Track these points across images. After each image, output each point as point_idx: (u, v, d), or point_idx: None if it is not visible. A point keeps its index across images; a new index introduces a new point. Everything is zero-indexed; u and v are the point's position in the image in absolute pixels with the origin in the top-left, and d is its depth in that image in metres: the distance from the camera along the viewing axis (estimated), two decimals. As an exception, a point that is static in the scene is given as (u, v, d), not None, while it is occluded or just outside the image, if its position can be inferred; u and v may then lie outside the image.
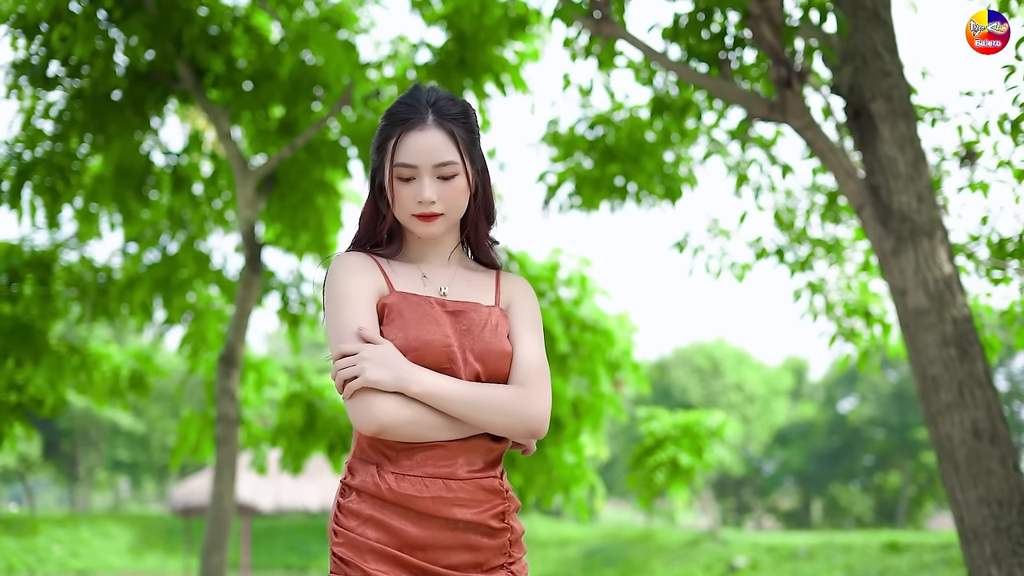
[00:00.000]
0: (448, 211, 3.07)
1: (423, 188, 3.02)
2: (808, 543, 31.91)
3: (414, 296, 3.06)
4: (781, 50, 6.34)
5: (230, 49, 10.13)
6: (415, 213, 3.05)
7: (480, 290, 3.19)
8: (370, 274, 3.07)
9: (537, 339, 3.16)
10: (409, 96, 3.09)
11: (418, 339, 2.96)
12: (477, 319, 3.06)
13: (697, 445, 13.22)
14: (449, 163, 3.03)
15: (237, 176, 10.24)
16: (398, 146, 3.03)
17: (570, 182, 9.87)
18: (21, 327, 11.30)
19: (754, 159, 9.36)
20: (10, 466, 47.19)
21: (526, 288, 3.28)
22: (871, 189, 6.30)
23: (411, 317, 3.00)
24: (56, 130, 10.26)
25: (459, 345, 3.00)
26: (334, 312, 3.00)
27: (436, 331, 2.98)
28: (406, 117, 3.05)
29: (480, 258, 3.28)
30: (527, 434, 3.02)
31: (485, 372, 3.01)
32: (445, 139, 3.04)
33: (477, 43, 9.81)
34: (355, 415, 2.90)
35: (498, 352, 3.03)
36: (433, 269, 3.17)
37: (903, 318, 6.23)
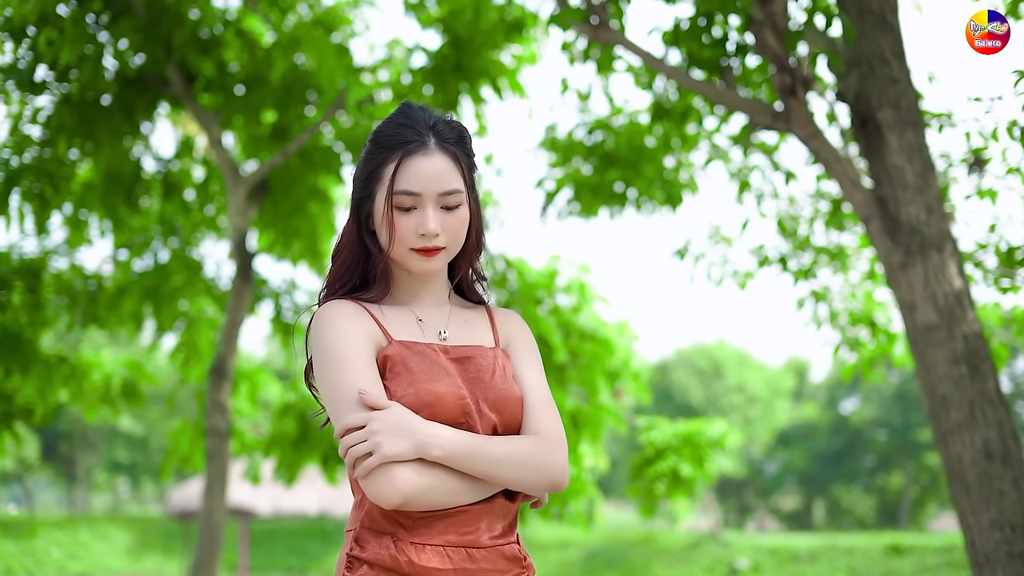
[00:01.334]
0: (450, 244, 2.81)
1: (427, 219, 2.74)
2: (810, 545, 31.79)
3: (416, 344, 2.79)
4: (785, 57, 6.13)
5: (221, 53, 9.93)
6: (415, 247, 2.78)
7: (478, 330, 2.95)
8: (363, 324, 2.78)
9: (542, 377, 2.95)
10: (404, 116, 2.81)
11: (430, 393, 2.69)
12: (484, 365, 2.82)
13: (698, 455, 13.03)
14: (455, 191, 2.77)
15: (228, 183, 10.05)
16: (399, 172, 2.74)
17: (568, 188, 9.72)
18: (10, 336, 11.13)
19: (756, 165, 9.20)
20: (8, 468, 47.06)
21: (520, 322, 3.06)
22: (878, 200, 6.09)
23: (418, 369, 2.73)
24: (44, 136, 10.08)
25: (472, 396, 2.75)
26: (331, 374, 2.71)
27: (447, 382, 2.73)
28: (406, 140, 2.76)
29: (468, 295, 3.04)
30: (550, 487, 2.80)
31: (502, 422, 2.78)
32: (450, 165, 2.78)
33: (473, 47, 9.62)
34: (374, 491, 2.62)
35: (514, 399, 2.80)
36: (427, 311, 2.91)
37: (912, 334, 6.02)
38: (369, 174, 2.80)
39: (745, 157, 9.24)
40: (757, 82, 7.51)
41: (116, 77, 9.92)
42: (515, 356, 2.94)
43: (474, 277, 3.03)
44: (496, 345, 2.92)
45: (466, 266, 2.97)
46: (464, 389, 2.73)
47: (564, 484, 2.82)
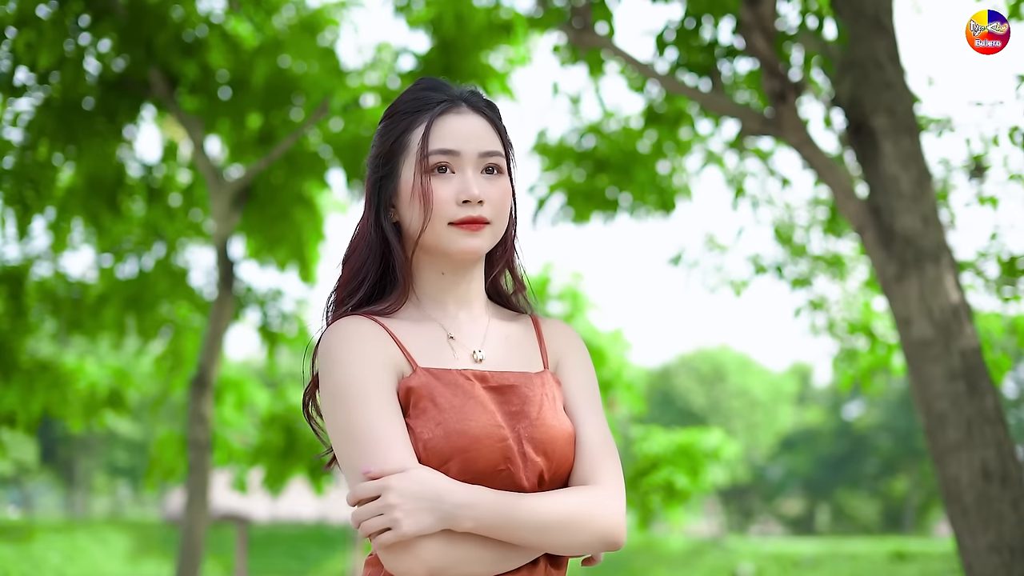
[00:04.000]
0: (495, 219, 2.37)
1: (468, 181, 2.33)
2: (813, 551, 31.68)
3: (446, 373, 2.33)
4: (775, 61, 5.91)
5: (205, 56, 9.72)
6: (456, 219, 2.32)
7: (522, 349, 2.47)
8: (381, 349, 2.32)
9: (599, 409, 2.48)
10: (426, 83, 2.45)
11: (464, 436, 2.24)
12: (530, 395, 2.36)
13: (694, 466, 12.82)
14: (496, 153, 2.38)
15: (211, 188, 9.85)
16: (431, 132, 2.34)
17: (560, 194, 9.56)
18: (-9, 344, 10.95)
19: (750, 172, 9.04)
20: (7, 472, 47.01)
21: (575, 338, 2.57)
22: (872, 210, 5.86)
23: (448, 405, 2.28)
24: (25, 140, 9.89)
25: (514, 436, 2.30)
26: (342, 416, 2.26)
27: (484, 421, 2.27)
28: (431, 99, 2.39)
29: (508, 302, 2.57)
30: (604, 548, 2.34)
31: (549, 467, 2.32)
32: (487, 126, 2.40)
33: (461, 50, 9.42)
34: (394, 565, 2.20)
35: (563, 438, 2.35)
36: (459, 325, 2.44)
37: (907, 349, 5.79)
38: (391, 146, 2.39)
39: (740, 161, 9.08)
40: (748, 87, 7.31)
41: (98, 80, 9.74)
42: (567, 382, 2.47)
43: (513, 285, 2.57)
44: (544, 368, 2.46)
45: (503, 263, 2.52)
46: (505, 428, 2.29)
47: (621, 543, 2.35)
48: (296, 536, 41.30)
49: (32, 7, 8.90)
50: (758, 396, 55.48)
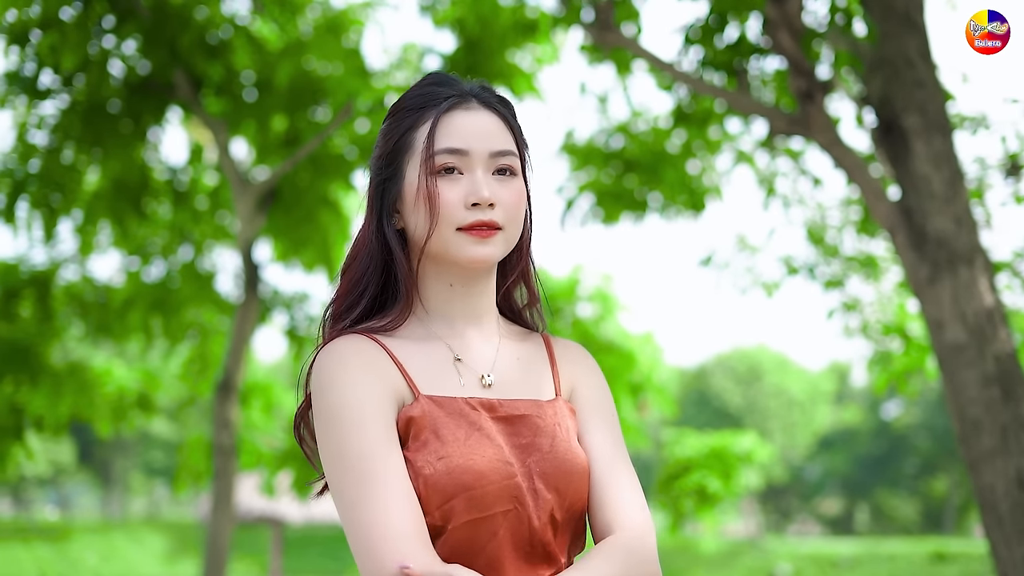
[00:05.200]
0: (508, 225, 2.17)
1: (478, 183, 2.13)
2: (852, 551, 31.46)
3: (450, 401, 2.13)
4: (802, 59, 5.76)
5: (229, 57, 9.66)
6: (464, 224, 2.13)
7: (533, 374, 2.27)
8: (380, 374, 2.12)
9: (618, 440, 2.28)
10: (433, 78, 2.25)
11: (468, 472, 2.04)
12: (542, 426, 2.16)
13: (727, 469, 12.67)
14: (509, 152, 2.18)
15: (235, 191, 9.78)
16: (438, 129, 2.14)
17: (589, 194, 9.46)
18: (19, 348, 10.92)
19: (781, 172, 8.91)
20: (45, 473, 47.30)
21: (590, 361, 2.38)
22: (904, 211, 5.70)
23: (451, 437, 2.08)
24: (51, 143, 9.88)
25: (524, 471, 2.10)
26: (337, 450, 2.07)
27: (491, 455, 2.08)
28: (439, 95, 2.19)
29: (518, 317, 2.38)
30: None
31: (562, 504, 2.12)
32: (500, 123, 2.20)
33: (487, 49, 9.31)
34: None
35: (578, 473, 2.15)
36: (467, 345, 2.23)
37: (940, 353, 5.63)
38: (395, 146, 2.20)
39: (771, 161, 8.95)
40: (776, 86, 7.17)
41: (123, 83, 9.70)
42: (582, 411, 2.27)
43: (526, 299, 2.37)
44: (557, 395, 2.26)
45: (518, 274, 2.31)
46: (514, 464, 2.09)
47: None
48: (331, 537, 41.32)
49: (55, 10, 8.86)
50: (796, 396, 55.20)
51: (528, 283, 2.35)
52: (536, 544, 2.11)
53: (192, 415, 47.36)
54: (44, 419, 11.20)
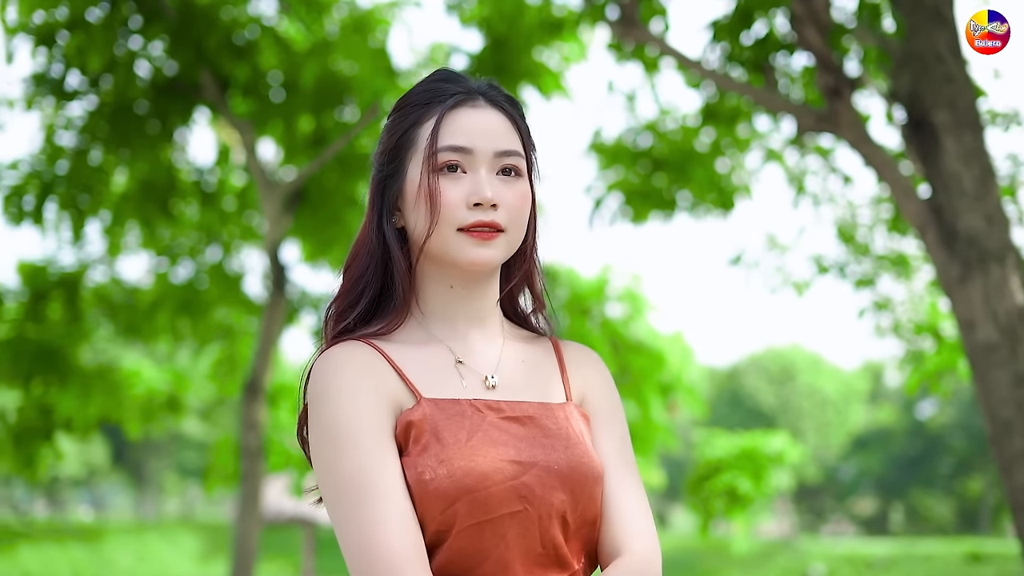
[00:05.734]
0: (511, 227, 2.09)
1: (480, 182, 2.05)
2: (887, 552, 31.27)
3: (453, 403, 2.05)
4: (829, 55, 5.68)
5: (255, 58, 9.64)
6: (465, 225, 2.05)
7: (540, 376, 2.18)
8: (378, 382, 2.05)
9: (628, 452, 2.20)
10: (440, 74, 2.17)
11: (470, 473, 1.96)
12: (553, 427, 2.08)
13: (757, 470, 12.57)
14: (514, 153, 2.09)
15: (262, 192, 9.77)
16: (442, 126, 2.07)
17: (617, 193, 9.40)
18: (48, 350, 10.95)
19: (811, 170, 8.83)
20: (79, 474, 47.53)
21: (600, 366, 2.28)
22: (934, 209, 5.61)
23: (453, 439, 2.00)
24: (79, 144, 9.91)
25: (534, 471, 2.01)
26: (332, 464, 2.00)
27: (494, 456, 1.99)
28: (445, 92, 2.12)
29: (524, 322, 2.28)
30: None
31: (575, 508, 2.04)
32: (506, 122, 2.11)
33: (514, 48, 9.26)
34: None
35: (593, 477, 2.06)
36: (470, 347, 2.15)
37: (971, 353, 5.55)
38: (398, 142, 2.13)
39: (801, 159, 8.87)
40: (804, 82, 7.09)
41: (149, 84, 9.71)
42: (593, 418, 2.18)
43: (532, 305, 2.28)
44: (568, 399, 2.16)
45: (522, 276, 2.22)
46: (522, 464, 2.01)
47: None
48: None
49: (82, 11, 8.88)
50: (829, 395, 54.94)
51: (532, 288, 2.27)
52: (548, 547, 2.02)
53: (224, 416, 47.66)
54: (73, 420, 11.22)
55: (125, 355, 15.37)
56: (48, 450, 11.40)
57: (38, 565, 32.46)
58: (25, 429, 11.29)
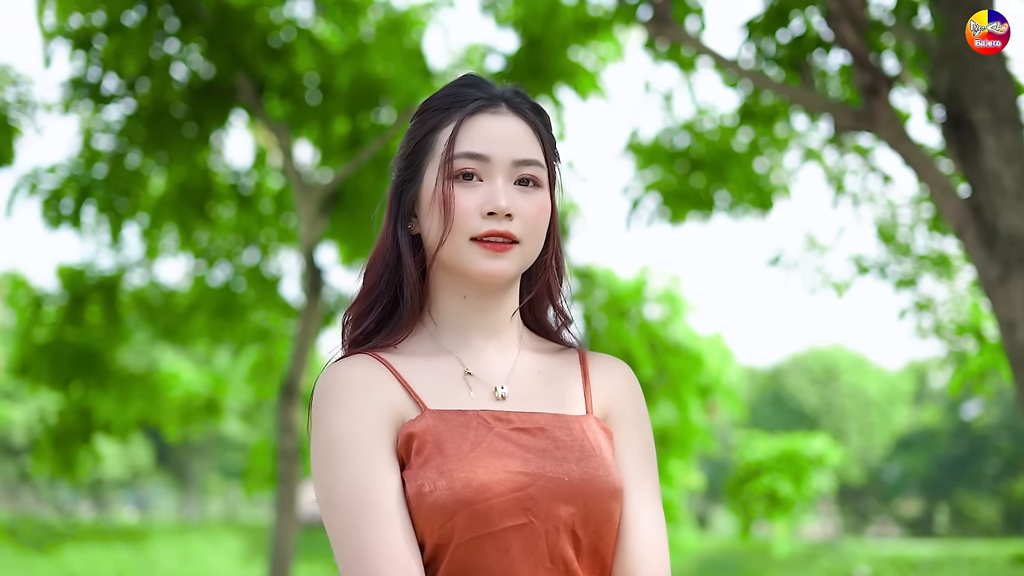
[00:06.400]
0: (526, 238, 2.01)
1: (496, 191, 1.98)
2: (932, 554, 31.01)
3: (457, 414, 1.98)
4: (865, 53, 5.59)
5: (291, 60, 9.64)
6: (478, 234, 1.98)
7: (558, 388, 2.09)
8: (379, 397, 1.98)
9: (657, 485, 2.10)
10: (464, 79, 2.10)
11: (469, 485, 1.89)
12: (567, 439, 1.99)
13: (798, 473, 12.45)
14: (534, 162, 2.02)
15: (298, 194, 9.77)
16: (460, 132, 2.00)
17: (655, 194, 9.36)
18: (87, 353, 11.00)
19: (850, 169, 8.74)
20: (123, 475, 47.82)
21: (630, 380, 2.17)
22: (973, 208, 5.52)
23: (455, 450, 1.92)
24: (116, 147, 9.95)
25: (539, 482, 1.92)
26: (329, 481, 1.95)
27: (497, 466, 1.91)
28: (466, 97, 2.05)
29: (550, 334, 2.19)
30: None
31: (585, 522, 1.95)
32: (528, 132, 2.05)
33: (549, 48, 9.21)
34: None
35: (608, 492, 1.97)
36: (481, 358, 2.07)
37: (1012, 355, 5.45)
38: (416, 146, 2.06)
39: (840, 158, 8.78)
40: (842, 81, 7.01)
41: (186, 87, 9.73)
42: (621, 440, 2.08)
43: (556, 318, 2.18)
44: (588, 412, 2.07)
45: (540, 289, 2.13)
46: (528, 475, 1.93)
47: None
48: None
49: (118, 14, 8.91)
50: (873, 396, 54.56)
51: (552, 301, 2.17)
52: (557, 562, 1.93)
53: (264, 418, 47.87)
54: (112, 423, 11.27)
55: (165, 357, 15.40)
56: (87, 452, 11.44)
57: (83, 565, 32.71)
58: (65, 432, 11.38)
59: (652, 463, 2.12)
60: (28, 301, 11.53)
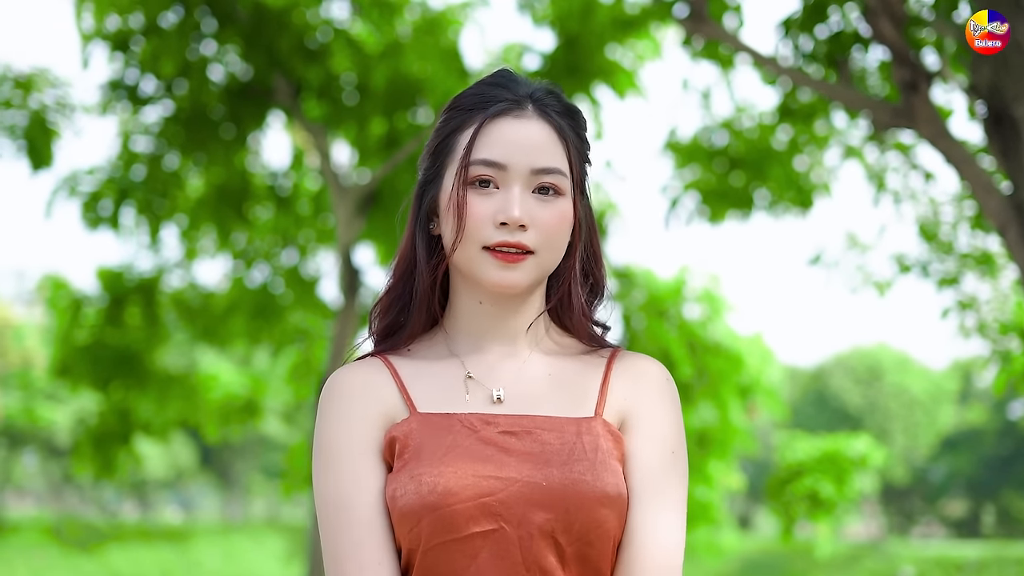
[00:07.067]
0: (542, 248, 1.94)
1: (511, 201, 1.92)
2: (978, 555, 30.80)
3: (444, 417, 1.93)
4: (904, 48, 5.51)
5: (328, 61, 9.64)
6: (491, 243, 1.92)
7: (566, 389, 2.00)
8: (373, 404, 1.96)
9: (677, 497, 1.96)
10: (496, 77, 2.03)
11: (435, 489, 1.84)
12: (557, 443, 1.90)
13: (840, 474, 12.35)
14: (554, 171, 1.94)
15: (335, 195, 9.76)
16: (479, 136, 1.94)
17: (694, 193, 9.31)
18: (127, 354, 11.05)
19: (891, 167, 8.65)
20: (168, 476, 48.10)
21: (659, 384, 2.03)
22: (1016, 206, 5.43)
23: (429, 454, 1.88)
24: (154, 149, 10.00)
25: (510, 488, 1.85)
26: (320, 485, 1.95)
27: (466, 471, 1.86)
28: (492, 98, 1.97)
29: (581, 337, 2.09)
30: None
31: (567, 529, 1.85)
32: (552, 138, 1.96)
33: (586, 47, 9.17)
34: None
35: (597, 498, 1.87)
36: (487, 360, 2.01)
37: (1056, 355, 5.36)
38: (438, 146, 2.02)
39: (881, 156, 8.70)
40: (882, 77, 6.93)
41: (223, 89, 9.75)
42: (632, 436, 1.97)
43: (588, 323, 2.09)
44: (597, 415, 1.97)
45: (563, 297, 2.05)
46: (500, 478, 1.86)
47: None
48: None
49: (155, 16, 8.95)
50: (918, 395, 54.17)
51: (576, 309, 2.08)
52: (533, 570, 1.85)
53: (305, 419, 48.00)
54: (151, 424, 11.32)
55: (205, 358, 15.46)
56: (126, 453, 11.51)
57: (127, 565, 32.91)
58: (105, 432, 11.45)
59: (674, 469, 1.99)
60: (68, 303, 11.61)
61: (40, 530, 37.18)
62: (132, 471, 11.83)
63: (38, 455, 44.65)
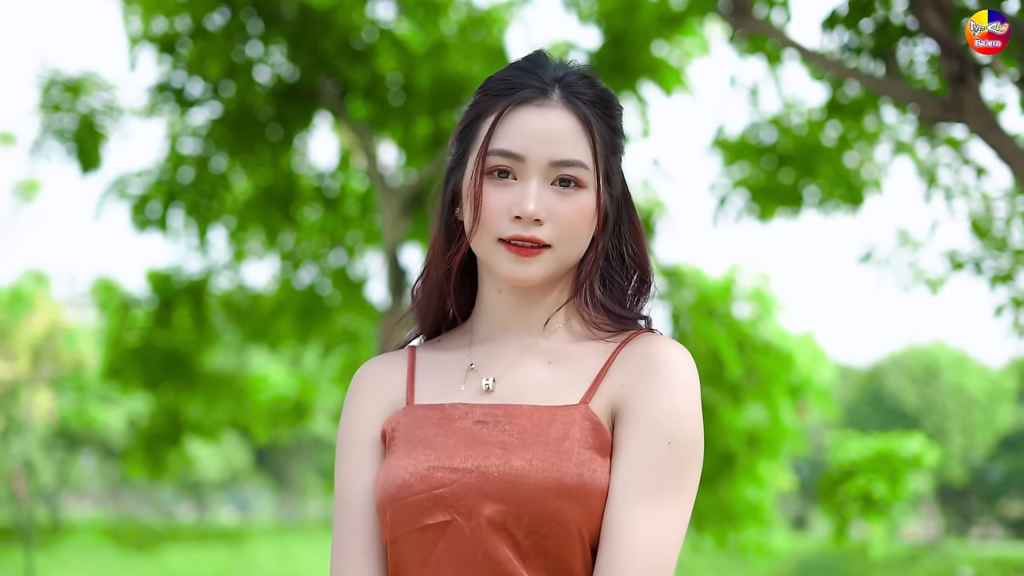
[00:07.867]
0: (559, 242, 1.87)
1: (526, 193, 1.86)
2: (1038, 556, 30.44)
3: (430, 408, 1.90)
4: (952, 40, 5.41)
5: (373, 61, 9.63)
6: (505, 236, 1.87)
7: (563, 377, 1.91)
8: (381, 395, 1.96)
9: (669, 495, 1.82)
10: (527, 60, 1.95)
11: (395, 482, 1.83)
12: (530, 430, 1.82)
13: (893, 474, 12.20)
14: (574, 164, 1.87)
15: (381, 196, 9.75)
16: (498, 125, 1.88)
17: (742, 190, 9.24)
18: (176, 356, 11.11)
19: (943, 162, 8.52)
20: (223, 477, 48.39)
21: (658, 371, 1.87)
22: (1068, 201, 5.32)
23: (403, 446, 1.87)
24: (202, 151, 10.04)
25: (464, 479, 1.80)
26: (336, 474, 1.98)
27: (422, 461, 1.82)
28: (517, 85, 1.90)
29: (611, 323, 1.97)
30: None
31: (517, 521, 1.77)
32: (575, 128, 1.89)
33: (632, 44, 9.11)
34: None
35: (551, 485, 1.78)
36: (493, 349, 1.96)
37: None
38: (463, 131, 1.96)
39: (932, 151, 8.57)
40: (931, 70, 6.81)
41: (270, 90, 9.78)
42: (626, 426, 1.85)
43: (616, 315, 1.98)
44: (583, 402, 1.87)
45: (585, 289, 1.96)
46: (455, 468, 1.81)
47: None
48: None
49: (201, 19, 8.99)
50: (975, 394, 53.58)
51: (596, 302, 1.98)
52: (487, 563, 1.78)
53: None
54: (201, 425, 11.38)
55: (256, 359, 15.51)
56: (177, 454, 11.58)
57: (183, 566, 33.14)
58: (155, 434, 11.53)
59: (670, 461, 1.84)
60: (118, 305, 11.71)
61: (98, 531, 37.53)
62: (187, 472, 11.94)
63: (95, 457, 45.03)
